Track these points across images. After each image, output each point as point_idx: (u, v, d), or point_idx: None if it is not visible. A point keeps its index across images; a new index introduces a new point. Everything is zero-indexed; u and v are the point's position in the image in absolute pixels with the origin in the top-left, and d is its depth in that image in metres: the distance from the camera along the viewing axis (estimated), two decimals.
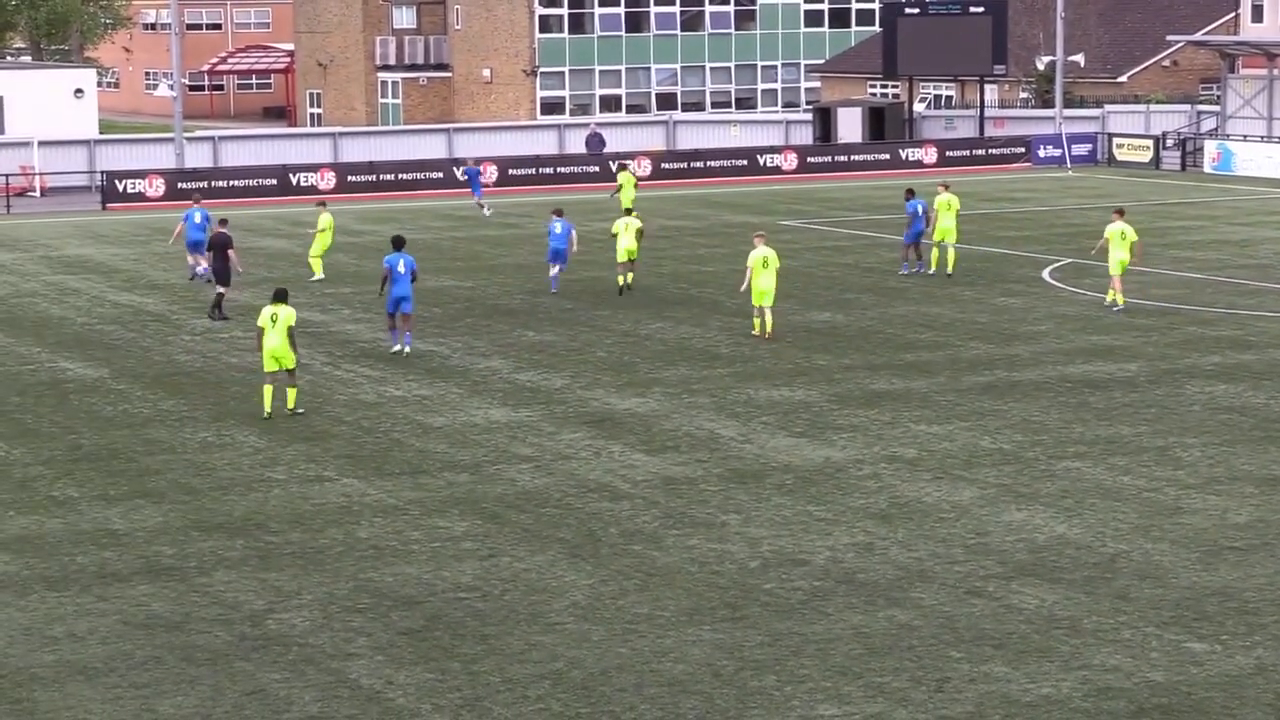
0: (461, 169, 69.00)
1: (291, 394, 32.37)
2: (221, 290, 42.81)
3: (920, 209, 48.45)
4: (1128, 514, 25.26)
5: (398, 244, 38.22)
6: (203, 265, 47.48)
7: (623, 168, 67.89)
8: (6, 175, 73.24)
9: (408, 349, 37.79)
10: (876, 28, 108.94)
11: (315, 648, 20.28)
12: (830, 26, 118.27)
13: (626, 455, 29.08)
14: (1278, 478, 27.14)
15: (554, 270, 46.18)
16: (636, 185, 61.87)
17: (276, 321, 31.69)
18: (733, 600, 21.73)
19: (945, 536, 24.28)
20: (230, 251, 42.73)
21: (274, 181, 73.67)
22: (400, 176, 74.99)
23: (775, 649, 20.02)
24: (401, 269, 37.23)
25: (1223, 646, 19.90)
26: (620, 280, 46.09)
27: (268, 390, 32.08)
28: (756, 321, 39.64)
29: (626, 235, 46.12)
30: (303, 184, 73.78)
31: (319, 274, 49.35)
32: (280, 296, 32.26)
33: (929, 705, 18.34)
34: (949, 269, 48.40)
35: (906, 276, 48.36)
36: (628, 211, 48.07)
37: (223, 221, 44.42)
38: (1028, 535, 24.30)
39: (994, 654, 19.77)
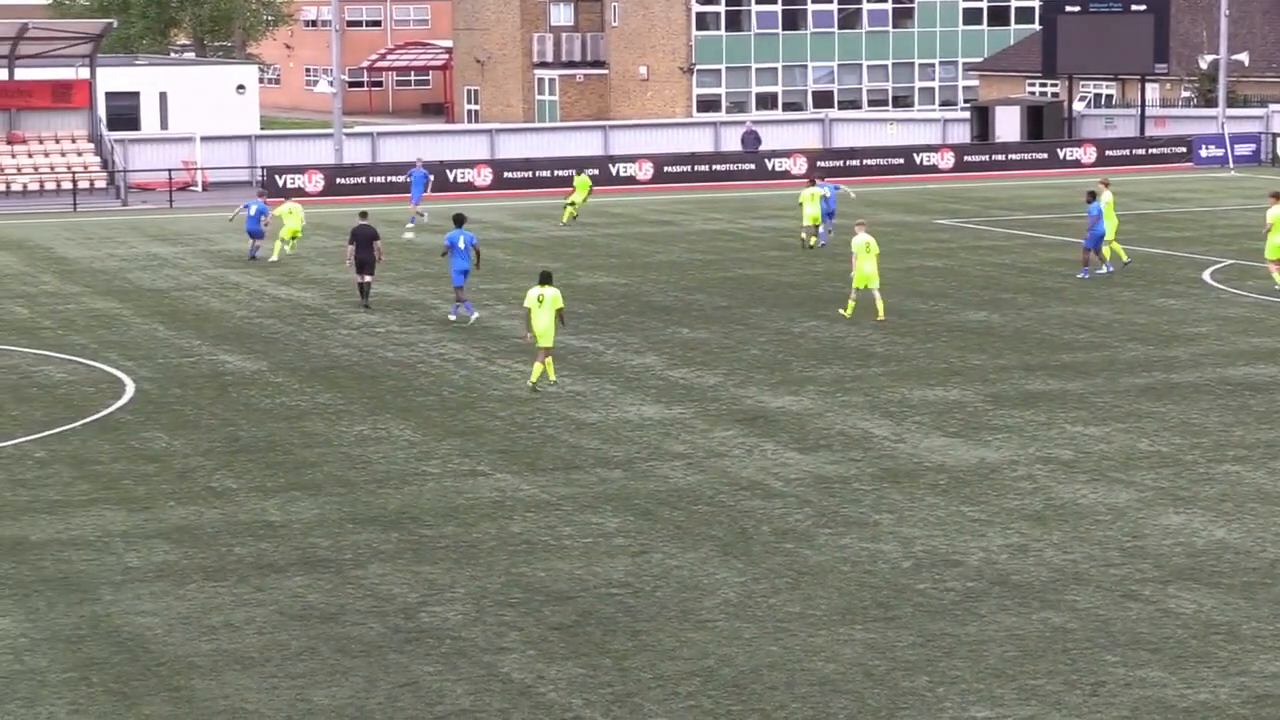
0: (409, 172, 64.55)
1: (550, 367, 34.05)
2: (369, 279, 44.32)
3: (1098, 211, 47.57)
4: None
5: (459, 221, 41.92)
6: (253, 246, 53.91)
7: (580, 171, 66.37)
8: (170, 170, 74.31)
9: (473, 315, 41.61)
10: (1036, 25, 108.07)
11: (468, 641, 20.39)
12: (989, 24, 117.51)
13: (779, 453, 29.02)
14: None
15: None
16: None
17: (543, 302, 33.51)
18: (885, 600, 21.62)
19: (1101, 539, 24.03)
20: (376, 243, 44.20)
21: (432, 177, 74.08)
22: (556, 173, 75.27)
23: (927, 650, 19.90)
24: (462, 244, 40.95)
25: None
26: (806, 239, 50.36)
27: (537, 367, 33.88)
28: (851, 305, 41.36)
29: (812, 205, 52.84)
30: (460, 180, 74.24)
31: (276, 256, 53.46)
32: (546, 279, 34.00)
33: (1083, 709, 18.15)
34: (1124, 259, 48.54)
35: (1073, 278, 47.87)
36: (812, 182, 52.18)
37: (363, 214, 46.05)
38: (1185, 539, 24.00)
39: (1150, 659, 19.53)
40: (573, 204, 62.54)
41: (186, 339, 40.37)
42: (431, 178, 63.64)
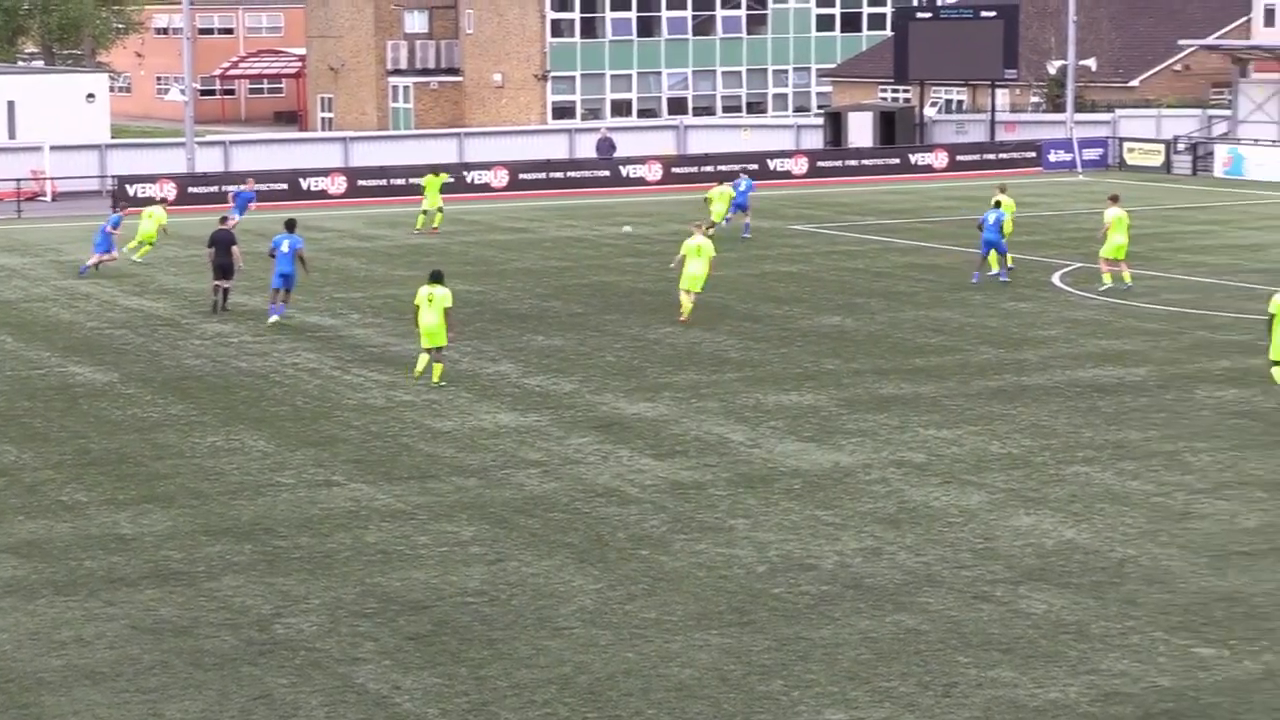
0: (234, 191, 63.27)
1: (437, 369, 34.83)
2: (227, 286, 44.56)
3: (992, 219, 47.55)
4: (1136, 519, 25.23)
5: (289, 226, 43.08)
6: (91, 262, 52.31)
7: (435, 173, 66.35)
8: (18, 180, 73.35)
9: (277, 318, 42.24)
10: (888, 32, 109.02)
11: (322, 652, 20.28)
12: (841, 31, 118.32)
13: (635, 460, 29.08)
14: None
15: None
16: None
17: (433, 301, 34.42)
18: (740, 605, 21.71)
19: (953, 541, 24.26)
20: (234, 248, 44.48)
21: (285, 186, 73.69)
22: (411, 181, 74.92)
23: (782, 654, 20.01)
24: (286, 248, 41.96)
25: (1231, 651, 19.87)
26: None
27: (423, 358, 35.06)
28: (686, 306, 42.04)
29: (720, 202, 55.69)
30: (313, 189, 73.81)
31: (139, 257, 54.02)
32: (436, 278, 34.94)
33: (936, 710, 18.32)
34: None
35: (919, 281, 48.32)
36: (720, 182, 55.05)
37: (223, 219, 46.64)
38: (1036, 540, 24.28)
39: (1001, 659, 19.74)
40: (425, 212, 62.26)
41: (35, 350, 39.86)
42: (253, 204, 61.71)
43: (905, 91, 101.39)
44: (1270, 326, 31.57)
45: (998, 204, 48.59)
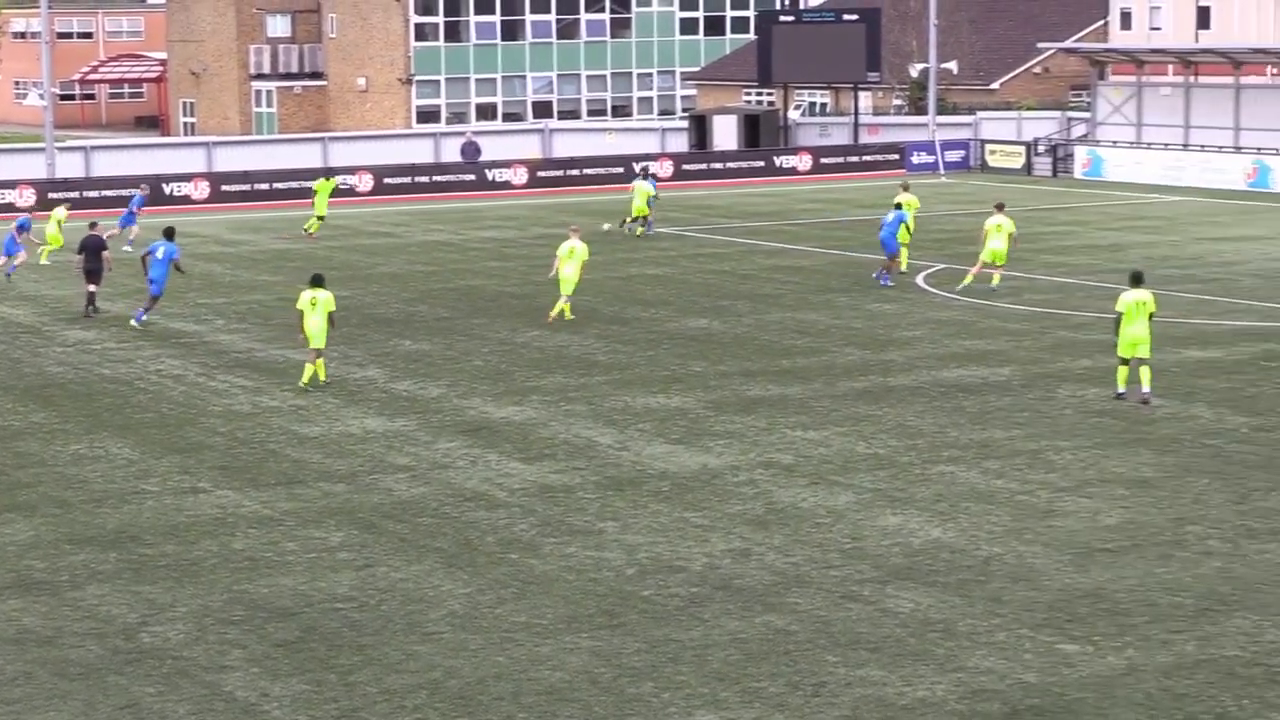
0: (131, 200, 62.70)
1: (320, 367, 35.16)
2: (93, 289, 44.66)
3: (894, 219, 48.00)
4: (1001, 517, 25.48)
5: (168, 234, 43.52)
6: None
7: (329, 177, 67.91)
8: None
9: (137, 320, 42.51)
10: (751, 35, 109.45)
11: (190, 660, 20.12)
12: (705, 34, 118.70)
13: (503, 464, 29.04)
14: (1147, 480, 27.46)
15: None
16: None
17: (316, 305, 34.56)
18: (610, 607, 21.73)
19: (821, 541, 24.39)
20: (104, 253, 44.87)
21: (147, 191, 72.91)
22: (275, 186, 74.54)
23: (652, 656, 20.05)
24: (160, 254, 42.34)
25: (1094, 647, 20.10)
26: (628, 225, 49.71)
27: (308, 368, 35.04)
28: (560, 308, 42.45)
29: (639, 197, 56.34)
30: (176, 194, 73.17)
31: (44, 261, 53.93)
32: (318, 281, 35.10)
33: (805, 710, 18.42)
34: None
35: (785, 284, 48.55)
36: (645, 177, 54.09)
37: (93, 225, 46.77)
38: (903, 539, 24.46)
39: (870, 658, 19.87)
40: (321, 218, 62.05)
41: None
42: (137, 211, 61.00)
43: (769, 94, 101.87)
44: (1118, 325, 32.66)
45: (898, 205, 48.88)
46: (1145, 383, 32.68)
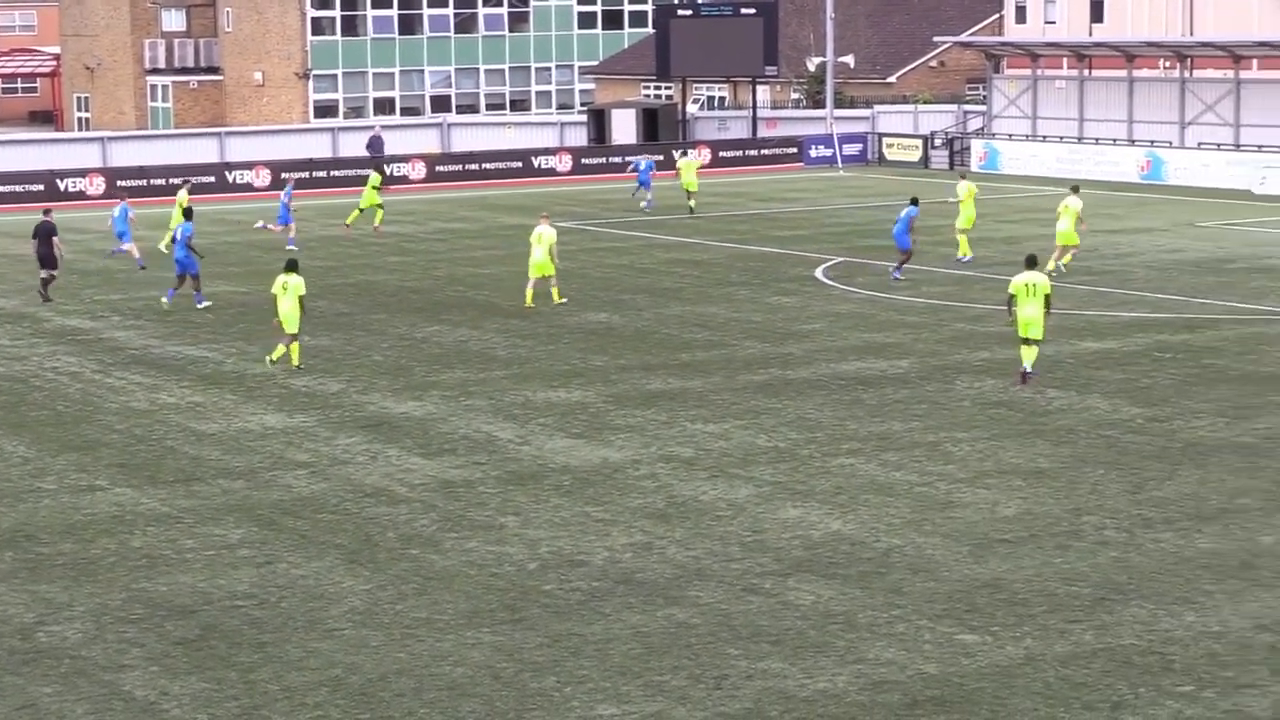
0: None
1: (295, 350, 36.08)
2: (53, 274, 45.87)
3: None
4: (900, 509, 25.62)
5: (186, 214, 45.01)
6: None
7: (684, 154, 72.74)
8: None
9: (165, 300, 44.13)
10: (649, 29, 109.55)
11: (88, 660, 19.97)
12: (604, 28, 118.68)
13: (404, 459, 28.97)
14: (1044, 470, 27.67)
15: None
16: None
17: (288, 289, 35.53)
18: (512, 602, 21.72)
19: (722, 535, 24.46)
20: (55, 239, 45.72)
21: (41, 187, 72.37)
22: (171, 181, 73.99)
23: (554, 650, 20.05)
24: (179, 235, 43.93)
25: (993, 637, 20.25)
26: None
27: (279, 348, 36.18)
28: (530, 294, 43.01)
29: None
30: (71, 189, 72.56)
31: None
32: (291, 267, 36.11)
33: (707, 703, 18.47)
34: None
35: (685, 278, 48.65)
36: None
37: (46, 211, 47.53)
38: (803, 532, 24.55)
39: (771, 650, 19.94)
40: (362, 209, 61.47)
41: None
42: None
43: (668, 88, 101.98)
44: (1009, 305, 33.85)
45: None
46: (1027, 361, 33.51)
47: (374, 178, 61.86)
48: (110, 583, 22.70)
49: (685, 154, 67.75)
